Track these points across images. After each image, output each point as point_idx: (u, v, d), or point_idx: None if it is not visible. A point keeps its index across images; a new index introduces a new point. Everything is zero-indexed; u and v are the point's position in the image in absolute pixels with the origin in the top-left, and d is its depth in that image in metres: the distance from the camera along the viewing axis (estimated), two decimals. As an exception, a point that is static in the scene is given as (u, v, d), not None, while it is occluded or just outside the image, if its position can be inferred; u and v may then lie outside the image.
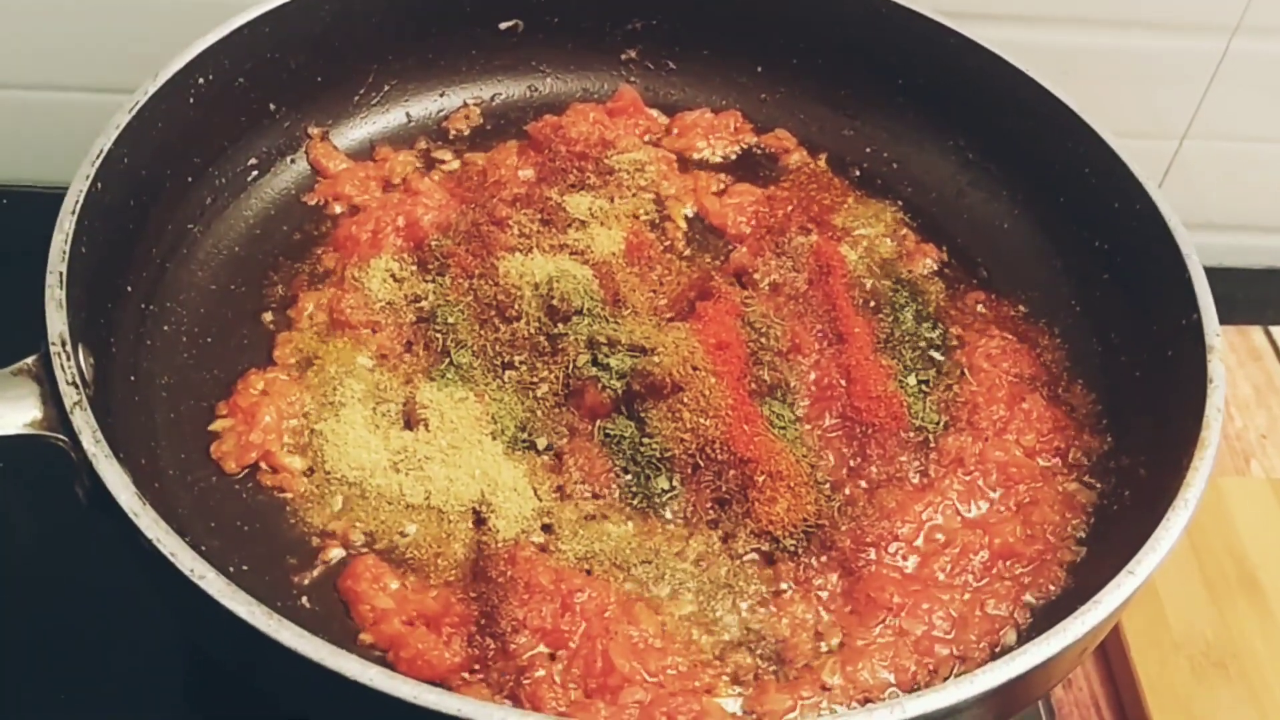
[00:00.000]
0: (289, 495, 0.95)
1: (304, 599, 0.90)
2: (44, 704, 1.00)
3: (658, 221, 1.15)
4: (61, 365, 0.81)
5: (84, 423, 0.79)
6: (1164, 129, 1.41)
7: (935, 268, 1.13)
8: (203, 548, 0.90)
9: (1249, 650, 1.09)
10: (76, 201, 0.90)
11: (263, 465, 0.96)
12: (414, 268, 1.07)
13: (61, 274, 0.86)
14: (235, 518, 0.93)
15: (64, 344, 0.82)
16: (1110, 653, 1.11)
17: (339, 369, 1.01)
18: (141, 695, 1.02)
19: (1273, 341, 1.40)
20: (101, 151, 0.94)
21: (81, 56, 1.30)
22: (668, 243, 1.14)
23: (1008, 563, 0.93)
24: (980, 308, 1.11)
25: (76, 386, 0.81)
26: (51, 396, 0.81)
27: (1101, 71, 1.34)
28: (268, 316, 1.06)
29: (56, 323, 0.83)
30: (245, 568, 0.91)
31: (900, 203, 1.19)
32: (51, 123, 1.34)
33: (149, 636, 1.03)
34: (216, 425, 0.98)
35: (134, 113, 0.97)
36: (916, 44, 1.16)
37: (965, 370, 1.05)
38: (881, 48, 1.19)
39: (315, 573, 0.91)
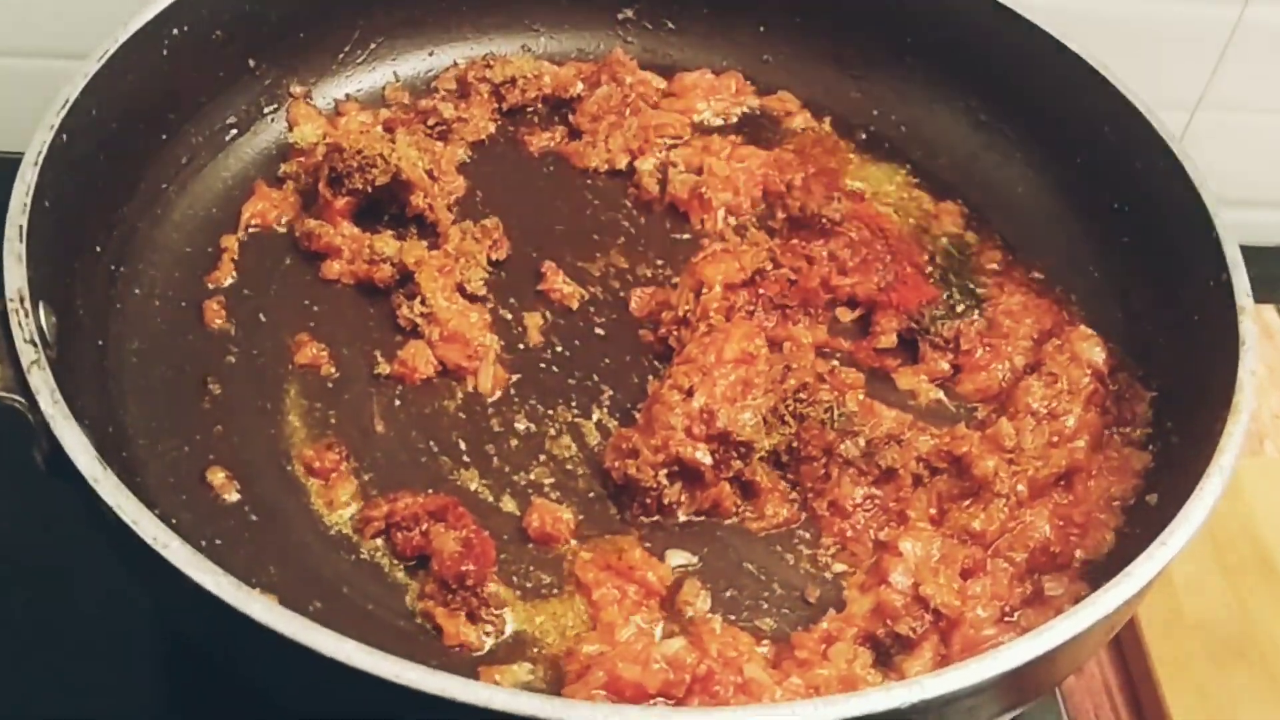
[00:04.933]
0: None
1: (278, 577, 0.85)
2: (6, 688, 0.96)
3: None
4: (19, 322, 0.77)
5: (42, 382, 0.75)
6: (1175, 100, 1.37)
7: (962, 223, 1.11)
8: (173, 521, 0.86)
9: (1267, 635, 1.05)
10: (39, 153, 0.86)
11: (240, 434, 0.92)
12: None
13: (21, 227, 0.82)
14: (208, 489, 0.89)
15: (22, 300, 0.78)
16: (1123, 638, 1.07)
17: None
18: (116, 676, 0.97)
19: (1287, 320, 1.36)
20: (68, 101, 0.90)
21: (48, 20, 1.24)
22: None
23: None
24: (995, 275, 1.08)
25: (35, 345, 0.77)
26: (8, 355, 0.76)
27: (1110, 40, 1.29)
28: (244, 280, 1.02)
29: (15, 277, 0.79)
30: (219, 542, 0.86)
31: (909, 166, 1.16)
32: (16, 89, 1.28)
33: (125, 615, 0.98)
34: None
35: (103, 61, 0.93)
36: (926, 0, 1.13)
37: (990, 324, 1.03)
38: (889, 5, 1.15)
39: (293, 547, 0.87)
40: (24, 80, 1.26)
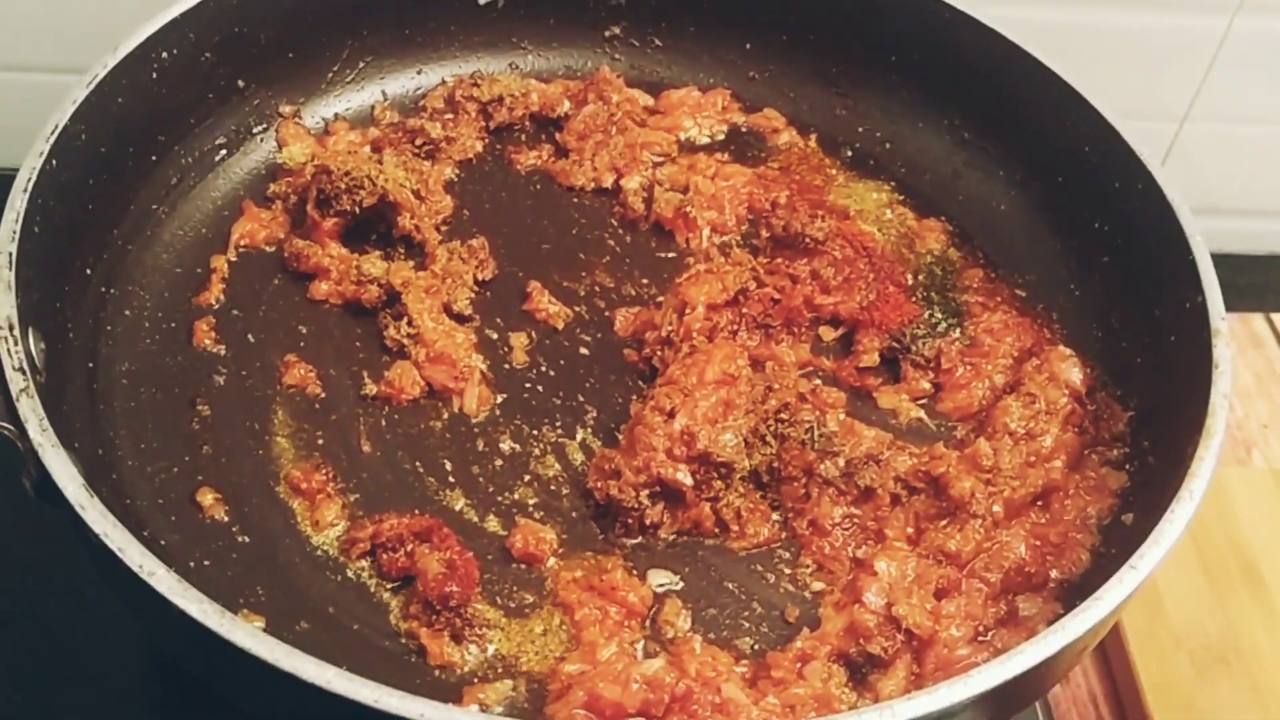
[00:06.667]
0: (254, 487, 0.91)
1: (265, 597, 0.86)
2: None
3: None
4: (9, 350, 0.78)
5: (30, 410, 0.76)
6: (1164, 110, 1.38)
7: (945, 240, 1.12)
8: (161, 542, 0.87)
9: (1252, 644, 1.06)
10: (29, 179, 0.87)
11: (228, 455, 0.92)
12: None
13: (11, 255, 0.83)
14: (197, 510, 0.90)
15: (12, 328, 0.79)
16: (1109, 648, 1.08)
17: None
18: (111, 691, 0.98)
19: (1274, 329, 1.37)
20: (57, 127, 0.91)
21: (41, 35, 1.25)
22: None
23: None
24: (977, 293, 1.08)
25: (24, 372, 0.77)
26: (-2, 383, 0.77)
27: (1100, 51, 1.31)
28: (234, 300, 1.02)
29: (4, 305, 0.80)
30: (207, 563, 0.87)
31: (893, 184, 1.16)
32: (10, 104, 1.29)
33: (117, 636, 1.00)
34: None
35: (91, 87, 0.94)
36: (911, 19, 1.13)
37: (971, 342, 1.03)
38: (875, 23, 1.15)
39: (281, 568, 0.87)
40: (22, 95, 1.27)
